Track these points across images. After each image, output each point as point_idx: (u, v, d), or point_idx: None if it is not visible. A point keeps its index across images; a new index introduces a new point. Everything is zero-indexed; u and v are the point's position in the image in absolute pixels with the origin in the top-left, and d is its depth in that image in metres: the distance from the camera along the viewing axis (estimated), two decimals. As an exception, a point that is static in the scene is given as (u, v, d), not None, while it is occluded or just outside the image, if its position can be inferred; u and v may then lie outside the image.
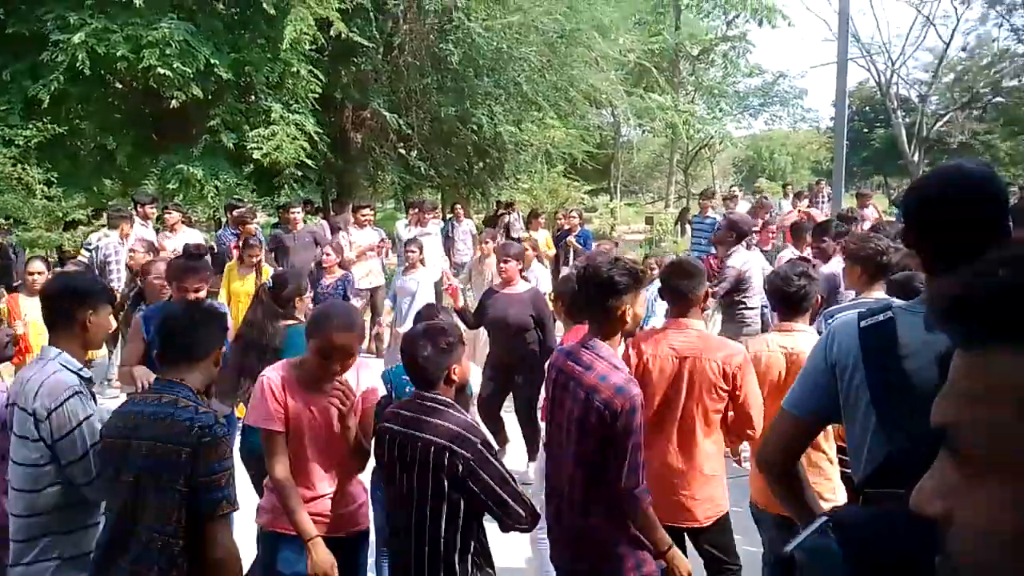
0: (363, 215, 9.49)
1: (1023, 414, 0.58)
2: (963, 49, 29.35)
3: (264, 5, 10.14)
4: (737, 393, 3.18)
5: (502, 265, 5.89)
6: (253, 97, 11.57)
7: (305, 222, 10.15)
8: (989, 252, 0.65)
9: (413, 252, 7.49)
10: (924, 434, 0.87)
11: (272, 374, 2.94)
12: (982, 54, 29.06)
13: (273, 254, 8.91)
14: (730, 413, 3.27)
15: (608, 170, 28.40)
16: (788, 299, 3.39)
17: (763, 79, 29.76)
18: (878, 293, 3.50)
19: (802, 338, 3.33)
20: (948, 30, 25.55)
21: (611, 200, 27.35)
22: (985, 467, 0.61)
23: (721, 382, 3.17)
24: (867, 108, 36.94)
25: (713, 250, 8.47)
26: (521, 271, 5.99)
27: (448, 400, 2.68)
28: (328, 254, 7.61)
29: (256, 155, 10.71)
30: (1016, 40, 26.79)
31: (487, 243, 8.20)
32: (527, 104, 13.59)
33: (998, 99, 30.17)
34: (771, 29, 24.37)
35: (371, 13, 11.40)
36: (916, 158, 25.83)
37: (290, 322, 4.18)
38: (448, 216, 13.40)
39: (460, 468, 2.51)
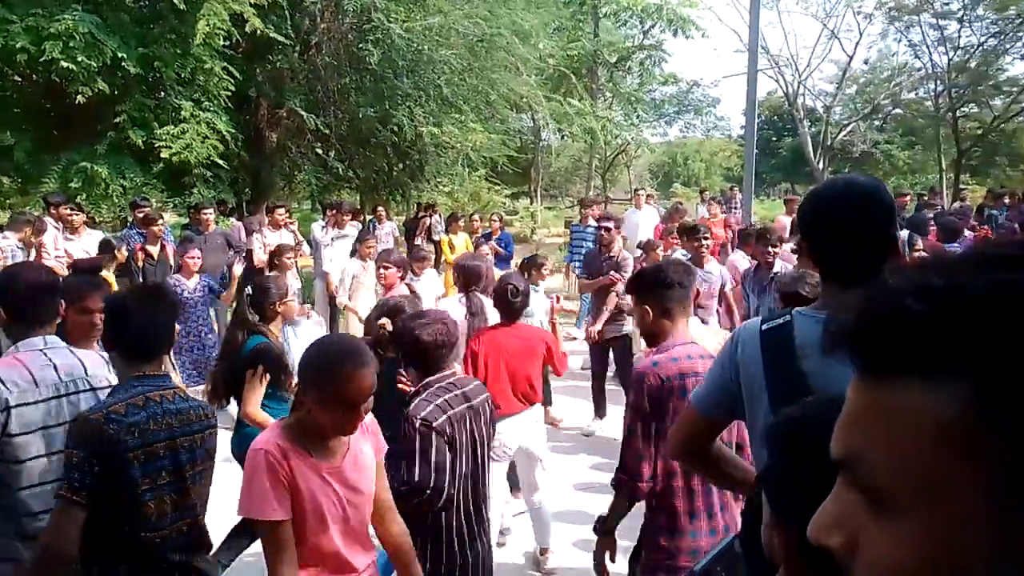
0: (278, 216, 9.29)
1: (933, 449, 0.55)
2: (865, 62, 30.81)
3: (174, -1, 9.82)
4: None
5: (381, 271, 5.87)
6: (163, 93, 11.15)
7: (218, 223, 9.86)
8: (888, 272, 0.62)
9: (288, 259, 7.38)
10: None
11: (268, 445, 2.21)
12: (883, 67, 30.49)
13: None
14: None
15: (528, 174, 28.56)
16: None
17: (678, 88, 30.44)
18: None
19: None
20: (852, 44, 26.75)
21: (531, 204, 27.55)
22: (894, 503, 0.58)
23: None
24: (775, 117, 38.37)
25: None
26: (402, 278, 5.93)
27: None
28: (193, 257, 7.30)
29: (165, 154, 10.31)
30: (914, 55, 28.23)
31: (370, 248, 8.05)
32: (447, 106, 13.52)
33: (897, 111, 31.71)
34: (685, 39, 24.97)
35: (287, 11, 11.15)
36: (821, 166, 26.92)
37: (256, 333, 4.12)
38: (370, 218, 13.24)
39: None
